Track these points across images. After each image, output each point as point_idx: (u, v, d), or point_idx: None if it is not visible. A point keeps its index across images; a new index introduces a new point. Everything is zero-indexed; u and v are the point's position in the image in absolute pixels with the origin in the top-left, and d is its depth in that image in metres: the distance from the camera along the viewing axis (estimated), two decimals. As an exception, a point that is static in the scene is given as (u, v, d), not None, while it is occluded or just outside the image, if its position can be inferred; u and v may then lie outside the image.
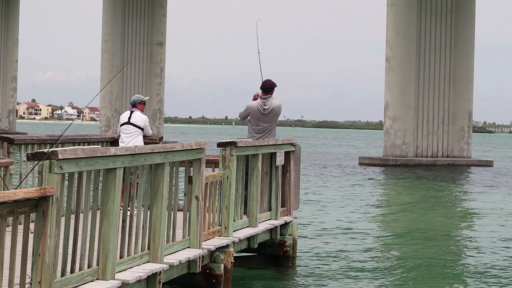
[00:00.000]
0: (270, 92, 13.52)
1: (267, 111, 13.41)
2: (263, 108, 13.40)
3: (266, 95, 13.49)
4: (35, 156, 6.77)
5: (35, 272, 6.65)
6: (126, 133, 14.12)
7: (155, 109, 65.48)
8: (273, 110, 13.45)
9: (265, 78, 13.70)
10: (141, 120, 14.15)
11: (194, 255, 9.72)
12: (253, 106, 13.49)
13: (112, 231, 7.80)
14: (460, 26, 49.94)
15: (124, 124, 14.16)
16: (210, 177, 10.68)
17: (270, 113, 13.45)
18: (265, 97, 13.47)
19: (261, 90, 13.56)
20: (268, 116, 13.46)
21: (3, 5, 77.41)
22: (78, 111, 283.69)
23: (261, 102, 13.45)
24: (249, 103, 13.63)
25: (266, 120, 13.47)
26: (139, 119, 14.14)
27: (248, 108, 13.53)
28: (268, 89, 13.52)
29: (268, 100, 13.45)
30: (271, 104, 13.43)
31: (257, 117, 13.44)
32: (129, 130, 14.10)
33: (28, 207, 6.51)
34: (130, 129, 14.10)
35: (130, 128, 14.10)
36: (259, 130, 13.44)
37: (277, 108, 13.48)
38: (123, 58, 64.23)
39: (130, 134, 14.07)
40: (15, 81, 79.06)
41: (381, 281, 12.79)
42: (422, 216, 22.23)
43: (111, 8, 64.70)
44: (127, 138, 14.05)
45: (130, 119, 14.13)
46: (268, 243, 13.09)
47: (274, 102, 13.48)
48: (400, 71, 48.81)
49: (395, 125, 48.85)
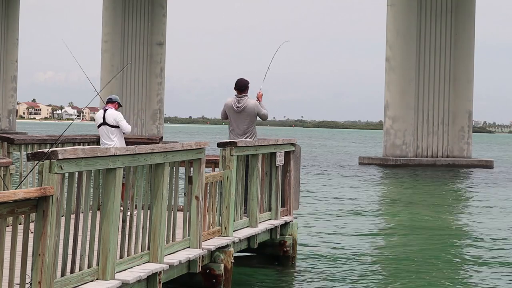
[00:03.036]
0: (244, 91, 13.39)
1: (240, 109, 13.26)
2: (236, 106, 13.28)
3: (241, 94, 13.41)
4: (35, 156, 6.77)
5: (35, 272, 6.65)
6: (104, 135, 13.69)
7: (155, 109, 65.44)
8: (247, 108, 13.27)
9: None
10: (114, 117, 13.65)
11: (194, 255, 9.72)
12: (228, 103, 13.40)
13: (112, 231, 7.80)
14: (460, 26, 49.92)
15: (101, 125, 13.72)
16: (210, 177, 10.68)
17: (243, 111, 13.28)
18: (240, 95, 13.40)
19: (235, 90, 13.47)
20: (242, 115, 13.29)
21: (3, 5, 77.40)
22: (78, 111, 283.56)
23: (235, 100, 13.37)
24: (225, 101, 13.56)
25: (241, 121, 13.28)
26: (112, 118, 13.64)
27: (224, 106, 13.47)
28: (243, 88, 13.41)
29: (242, 99, 13.34)
30: (245, 103, 13.31)
31: (232, 115, 13.31)
32: (107, 131, 13.65)
33: (28, 207, 6.51)
34: (107, 129, 13.66)
35: (107, 129, 13.66)
36: (238, 132, 13.27)
37: (251, 107, 13.29)
38: (123, 58, 64.21)
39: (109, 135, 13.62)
40: (15, 81, 79.03)
41: (381, 281, 12.79)
42: (422, 216, 22.23)
43: (111, 8, 64.69)
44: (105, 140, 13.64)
45: (105, 119, 13.68)
46: (268, 243, 13.09)
47: (248, 101, 13.35)
48: (400, 71, 48.80)
49: (395, 125, 48.84)
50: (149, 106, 65.00)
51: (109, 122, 13.66)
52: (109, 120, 13.66)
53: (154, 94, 65.32)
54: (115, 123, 13.67)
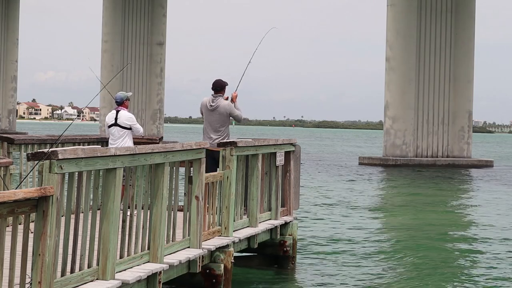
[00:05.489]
0: (220, 91, 13.55)
1: (212, 107, 13.42)
2: (209, 104, 13.47)
3: (216, 94, 13.55)
4: (35, 156, 6.77)
5: (35, 272, 6.65)
6: (115, 135, 13.59)
7: (155, 109, 65.44)
8: (219, 108, 13.39)
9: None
10: (127, 119, 13.59)
11: (194, 255, 9.72)
12: (203, 102, 13.63)
13: (112, 231, 7.80)
14: (460, 26, 49.92)
15: (112, 126, 13.62)
16: (210, 177, 10.68)
17: (215, 111, 13.40)
18: (216, 95, 13.55)
19: (212, 90, 13.58)
20: (214, 114, 13.40)
21: (3, 5, 77.40)
22: (78, 111, 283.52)
23: (210, 99, 13.56)
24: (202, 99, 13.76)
25: (213, 120, 13.39)
26: (125, 119, 13.57)
27: (200, 104, 13.68)
28: (219, 88, 13.57)
29: (216, 98, 13.50)
30: (218, 102, 13.45)
31: (206, 114, 13.49)
32: (118, 132, 13.57)
33: (28, 207, 6.51)
34: (118, 130, 13.57)
35: (118, 130, 13.57)
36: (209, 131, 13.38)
37: (224, 107, 13.40)
38: (123, 58, 64.22)
39: (119, 136, 13.57)
40: (15, 81, 79.04)
41: (381, 281, 12.79)
42: (422, 216, 22.23)
43: (111, 8, 64.69)
44: (115, 141, 13.55)
45: (117, 120, 13.58)
46: (268, 243, 13.09)
47: (222, 101, 13.48)
48: (400, 71, 48.80)
49: (395, 125, 48.84)
50: (149, 106, 65.00)
51: (121, 124, 13.55)
52: (121, 121, 13.55)
53: (154, 94, 65.32)
54: (127, 125, 13.58)
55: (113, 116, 13.64)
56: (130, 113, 13.80)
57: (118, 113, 13.64)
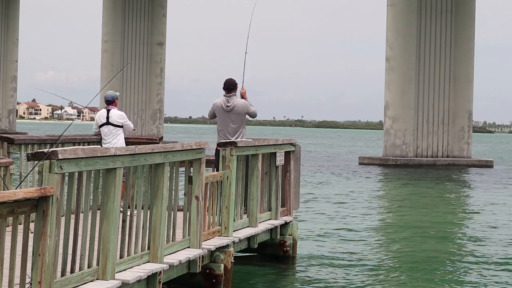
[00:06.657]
0: (233, 90, 13.35)
1: (229, 108, 13.22)
2: (226, 105, 13.24)
3: (229, 93, 13.36)
4: (35, 156, 6.77)
5: (35, 272, 6.65)
6: (107, 134, 13.64)
7: (155, 109, 65.42)
8: (236, 107, 13.22)
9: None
10: (118, 117, 13.65)
11: (194, 255, 9.72)
12: (217, 103, 13.36)
13: (112, 231, 7.80)
14: (460, 26, 49.91)
15: (103, 125, 13.67)
16: (210, 177, 10.68)
17: (233, 111, 13.23)
18: (229, 95, 13.36)
19: (224, 90, 13.44)
20: (232, 115, 13.23)
21: (3, 5, 77.38)
22: (78, 111, 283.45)
23: (224, 99, 13.33)
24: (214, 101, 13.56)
25: (231, 120, 13.22)
26: (117, 117, 13.64)
27: (212, 106, 13.42)
28: (231, 87, 13.37)
29: (231, 98, 13.30)
30: (234, 102, 13.27)
31: (221, 115, 13.26)
32: (110, 130, 13.62)
33: (28, 207, 6.51)
34: (111, 129, 13.62)
35: (111, 128, 13.63)
36: (226, 132, 13.18)
37: (241, 106, 13.25)
38: (123, 58, 64.21)
39: (112, 135, 13.61)
40: (15, 81, 79.01)
41: (381, 281, 12.79)
42: (422, 216, 22.23)
43: (111, 8, 64.68)
44: (108, 139, 13.60)
45: (109, 119, 13.64)
46: (268, 243, 13.09)
47: (238, 100, 13.31)
48: (400, 71, 48.80)
49: (395, 125, 48.84)
50: (149, 106, 64.98)
51: (113, 122, 13.64)
52: (113, 119, 13.63)
53: (154, 94, 65.30)
54: (119, 123, 13.66)
55: (105, 115, 13.71)
56: (120, 111, 13.86)
57: (109, 112, 13.71)
